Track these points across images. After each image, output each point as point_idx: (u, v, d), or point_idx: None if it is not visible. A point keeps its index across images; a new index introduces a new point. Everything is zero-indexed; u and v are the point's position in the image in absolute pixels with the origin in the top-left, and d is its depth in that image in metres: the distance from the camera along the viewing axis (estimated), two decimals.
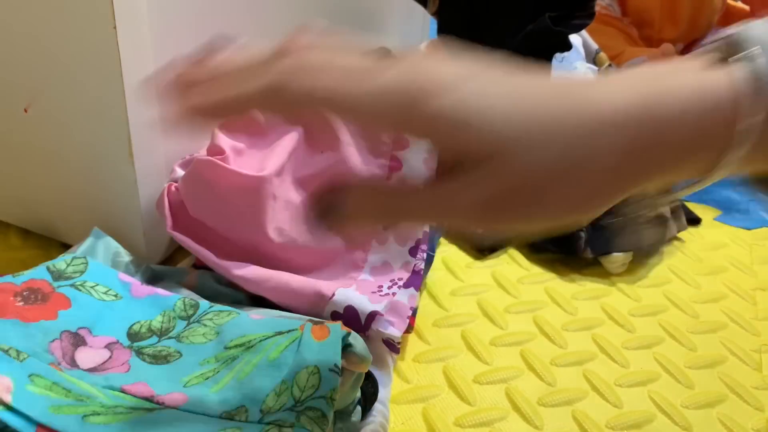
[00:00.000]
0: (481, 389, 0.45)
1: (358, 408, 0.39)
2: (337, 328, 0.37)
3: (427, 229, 0.49)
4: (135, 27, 0.42)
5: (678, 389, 0.46)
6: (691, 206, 0.66)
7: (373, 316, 0.42)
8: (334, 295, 0.43)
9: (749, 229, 0.65)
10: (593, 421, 0.43)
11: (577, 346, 0.49)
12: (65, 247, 0.52)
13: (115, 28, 0.40)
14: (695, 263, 0.59)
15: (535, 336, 0.50)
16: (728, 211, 0.67)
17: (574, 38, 0.69)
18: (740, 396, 0.46)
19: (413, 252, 0.47)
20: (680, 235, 0.62)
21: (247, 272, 0.43)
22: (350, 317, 0.42)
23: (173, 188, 0.46)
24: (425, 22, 0.87)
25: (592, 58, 0.77)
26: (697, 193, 0.69)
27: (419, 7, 0.74)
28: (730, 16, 0.97)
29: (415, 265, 0.47)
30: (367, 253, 0.47)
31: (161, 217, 0.46)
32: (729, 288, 0.57)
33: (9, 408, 0.30)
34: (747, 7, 0.97)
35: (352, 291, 0.44)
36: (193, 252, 0.45)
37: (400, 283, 0.46)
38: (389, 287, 0.45)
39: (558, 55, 0.60)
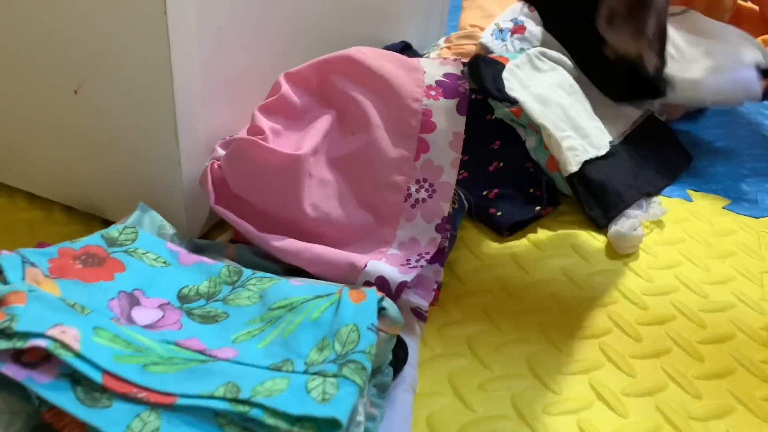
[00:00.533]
0: (502, 357, 0.48)
1: (390, 369, 0.42)
2: (373, 292, 0.40)
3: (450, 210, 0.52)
4: (184, 13, 0.45)
5: (689, 362, 0.49)
6: (700, 195, 0.69)
7: (403, 285, 0.45)
8: (366, 266, 0.46)
9: (757, 217, 0.68)
10: (609, 388, 0.46)
11: (593, 321, 0.52)
12: (107, 223, 0.55)
13: (165, 14, 0.43)
14: (705, 248, 0.62)
15: (553, 311, 0.52)
16: (737, 201, 0.70)
17: None
18: (748, 369, 0.49)
19: (439, 228, 0.50)
20: (689, 221, 0.65)
21: (285, 244, 0.46)
22: (381, 287, 0.45)
23: (216, 166, 0.49)
24: (443, 16, 0.90)
25: None
26: (707, 183, 0.72)
27: (437, 2, 0.76)
28: (741, 16, 0.99)
29: (440, 241, 0.50)
30: (396, 229, 0.50)
31: (204, 193, 0.49)
32: (737, 271, 0.59)
33: (78, 355, 0.33)
34: (756, 7, 1.00)
35: (383, 263, 0.47)
36: (234, 225, 0.47)
37: (427, 257, 0.48)
38: (417, 260, 0.48)
39: None
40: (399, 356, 0.43)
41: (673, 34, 0.76)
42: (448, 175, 0.51)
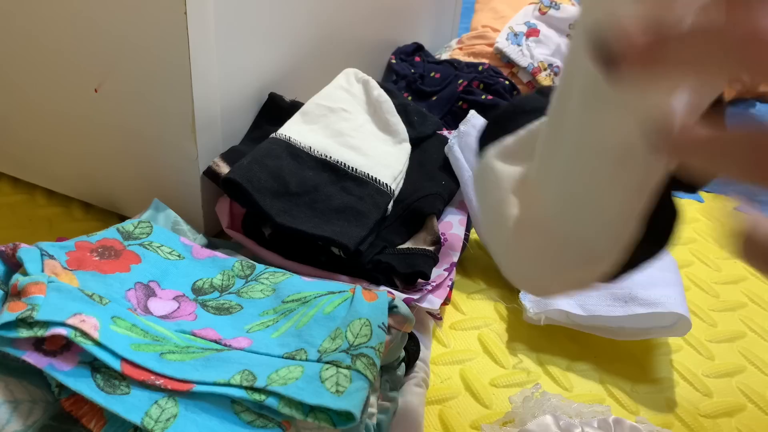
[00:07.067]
0: (514, 354, 0.48)
1: (402, 365, 0.42)
2: (384, 294, 0.41)
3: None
4: (203, 13, 0.46)
5: (700, 360, 0.49)
6: (712, 196, 0.69)
7: (408, 300, 0.45)
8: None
9: None
10: (620, 385, 0.46)
11: None
12: (123, 220, 0.56)
13: (185, 14, 0.44)
14: (716, 248, 0.62)
15: None
16: (749, 202, 0.70)
17: None
18: (758, 368, 0.49)
19: (448, 270, 0.50)
20: (701, 222, 0.65)
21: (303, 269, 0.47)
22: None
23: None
24: (456, 17, 0.91)
25: None
26: (718, 184, 0.72)
27: (449, 4, 0.77)
28: None
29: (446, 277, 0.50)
30: None
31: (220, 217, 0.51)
32: (749, 271, 0.59)
33: (98, 344, 0.34)
34: None
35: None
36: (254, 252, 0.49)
37: (433, 284, 0.48)
38: (423, 284, 0.48)
39: None
40: (411, 352, 0.43)
41: None
42: (457, 229, 0.54)
